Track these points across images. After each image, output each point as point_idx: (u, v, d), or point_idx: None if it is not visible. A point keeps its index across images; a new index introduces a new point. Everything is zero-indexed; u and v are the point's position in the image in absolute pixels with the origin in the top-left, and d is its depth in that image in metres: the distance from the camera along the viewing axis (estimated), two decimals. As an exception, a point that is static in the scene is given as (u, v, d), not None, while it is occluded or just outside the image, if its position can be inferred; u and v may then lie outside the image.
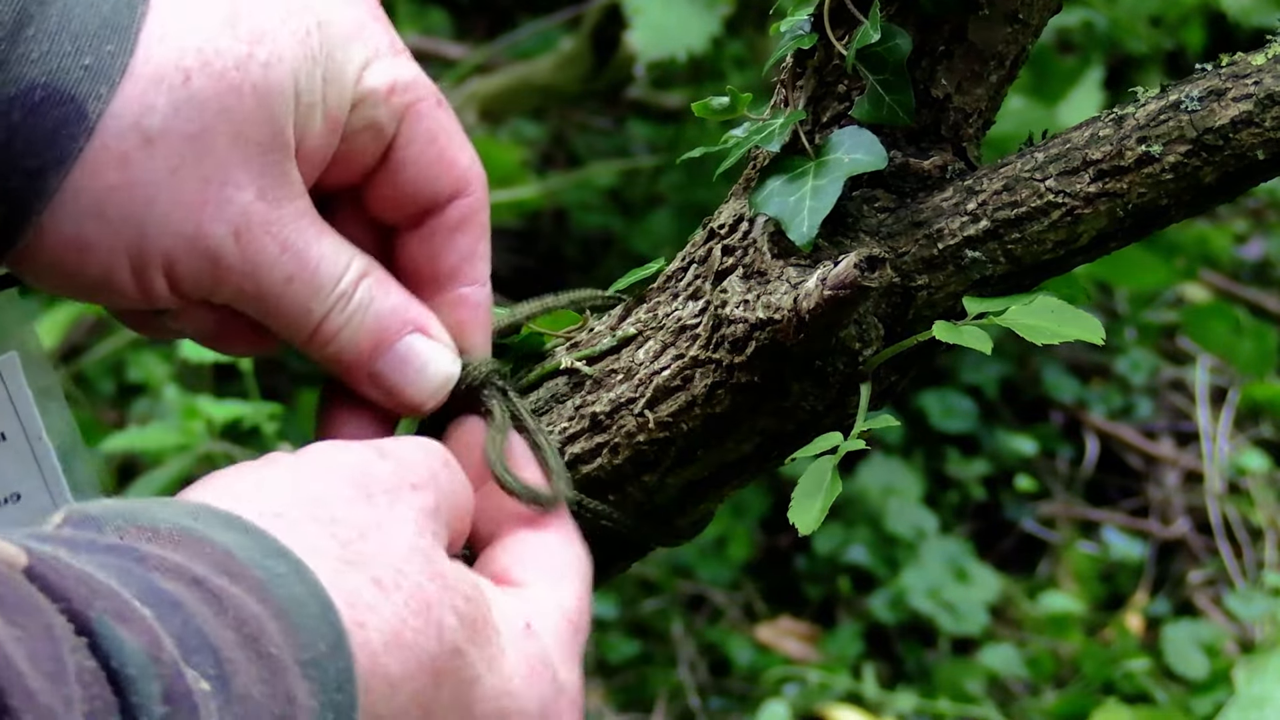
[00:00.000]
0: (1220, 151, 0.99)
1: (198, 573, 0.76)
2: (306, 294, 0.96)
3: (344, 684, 0.79)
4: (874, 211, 1.04)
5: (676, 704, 3.39)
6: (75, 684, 0.68)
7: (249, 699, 0.74)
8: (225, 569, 0.78)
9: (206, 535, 0.79)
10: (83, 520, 0.79)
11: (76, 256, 0.92)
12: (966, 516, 3.78)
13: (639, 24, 3.19)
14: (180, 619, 0.74)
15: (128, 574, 0.74)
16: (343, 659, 0.79)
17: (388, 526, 0.87)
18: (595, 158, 4.12)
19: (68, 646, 0.69)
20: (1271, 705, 1.58)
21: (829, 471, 1.01)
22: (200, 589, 0.76)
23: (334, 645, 0.79)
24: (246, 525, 0.81)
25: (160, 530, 0.78)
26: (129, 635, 0.71)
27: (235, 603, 0.76)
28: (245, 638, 0.76)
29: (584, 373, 1.07)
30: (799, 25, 1.05)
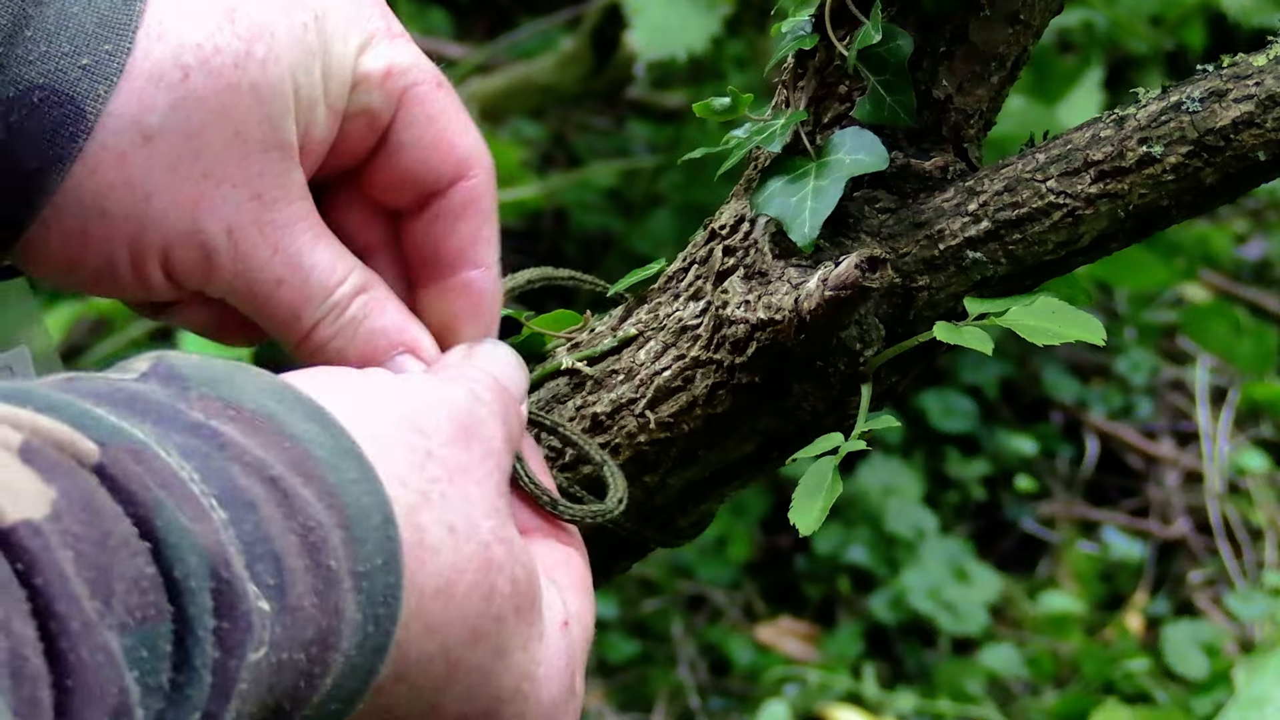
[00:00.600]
0: (1221, 152, 0.99)
1: (274, 471, 0.77)
2: (297, 300, 0.96)
3: (389, 597, 0.80)
4: (875, 212, 1.04)
5: (676, 704, 3.39)
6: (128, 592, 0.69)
7: (300, 610, 0.75)
8: (300, 467, 0.78)
9: (287, 424, 0.79)
10: (170, 376, 0.79)
11: (77, 250, 0.92)
12: (966, 516, 3.78)
13: (639, 24, 3.20)
14: (252, 523, 0.74)
15: (209, 465, 0.75)
16: (394, 574, 0.80)
17: (476, 476, 0.88)
18: (595, 158, 4.12)
19: (126, 552, 0.69)
20: (1271, 705, 1.58)
21: (829, 472, 1.01)
22: (274, 489, 0.76)
23: (389, 560, 0.80)
24: (327, 419, 0.81)
25: (243, 409, 0.79)
26: (198, 541, 0.71)
27: (305, 507, 0.77)
28: (308, 546, 0.76)
29: (585, 373, 1.07)
30: (800, 26, 1.05)
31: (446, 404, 0.89)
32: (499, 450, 0.91)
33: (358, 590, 0.78)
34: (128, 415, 0.75)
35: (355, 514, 0.79)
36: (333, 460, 0.80)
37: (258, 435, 0.78)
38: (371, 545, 0.79)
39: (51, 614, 0.66)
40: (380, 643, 0.80)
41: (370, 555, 0.79)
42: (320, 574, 0.76)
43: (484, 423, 0.90)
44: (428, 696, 0.86)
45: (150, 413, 0.76)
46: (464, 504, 0.86)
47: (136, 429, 0.74)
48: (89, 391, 0.76)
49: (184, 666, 0.70)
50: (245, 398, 0.80)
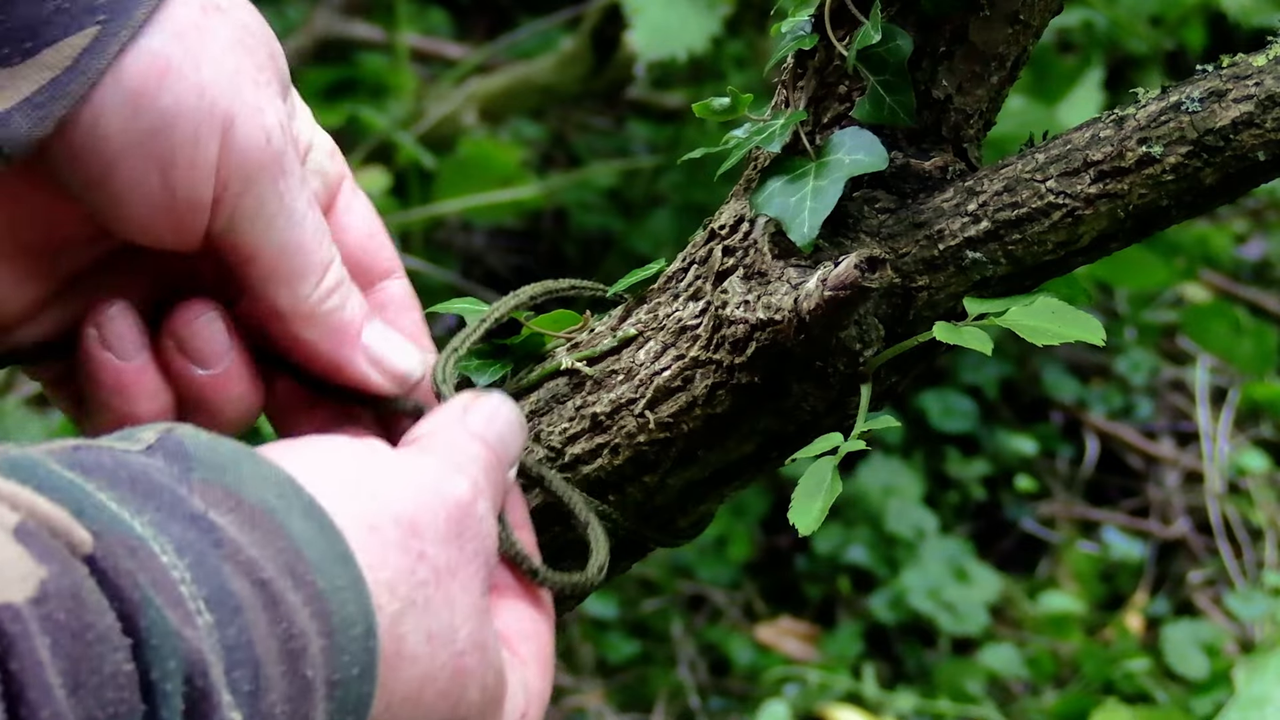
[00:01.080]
0: (1221, 153, 0.99)
1: (265, 574, 0.78)
2: (318, 227, 0.98)
3: (360, 707, 0.81)
4: (875, 212, 1.04)
5: (676, 704, 3.39)
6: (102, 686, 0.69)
7: (271, 717, 0.76)
8: (291, 570, 0.79)
9: (284, 522, 0.80)
10: (176, 454, 0.80)
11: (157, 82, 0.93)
12: (966, 516, 3.77)
13: (639, 24, 3.20)
14: (236, 628, 0.75)
15: (202, 564, 0.75)
16: (368, 684, 0.81)
17: (462, 578, 0.88)
18: (595, 158, 4.12)
19: (106, 647, 0.70)
20: (1271, 705, 1.58)
21: (829, 472, 1.01)
22: (263, 592, 0.77)
23: (365, 670, 0.81)
24: (323, 521, 0.82)
25: (243, 503, 0.79)
26: (179, 646, 0.72)
27: (290, 614, 0.78)
28: (288, 653, 0.77)
29: (584, 373, 1.07)
30: (800, 26, 1.05)
31: (446, 502, 0.90)
32: (489, 548, 0.92)
33: (330, 698, 0.79)
34: (130, 501, 0.76)
35: (339, 623, 0.80)
36: (324, 565, 0.80)
37: (255, 531, 0.79)
38: (350, 655, 0.80)
39: (23, 701, 0.67)
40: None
41: (348, 665, 0.80)
42: (296, 682, 0.77)
43: (481, 519, 0.91)
44: None
45: (152, 498, 0.77)
46: (447, 609, 0.87)
47: (135, 520, 0.75)
48: (94, 467, 0.76)
49: None
50: (246, 488, 0.80)
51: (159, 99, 0.93)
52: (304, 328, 0.99)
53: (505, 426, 0.98)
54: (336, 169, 1.03)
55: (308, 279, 0.98)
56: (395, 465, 0.90)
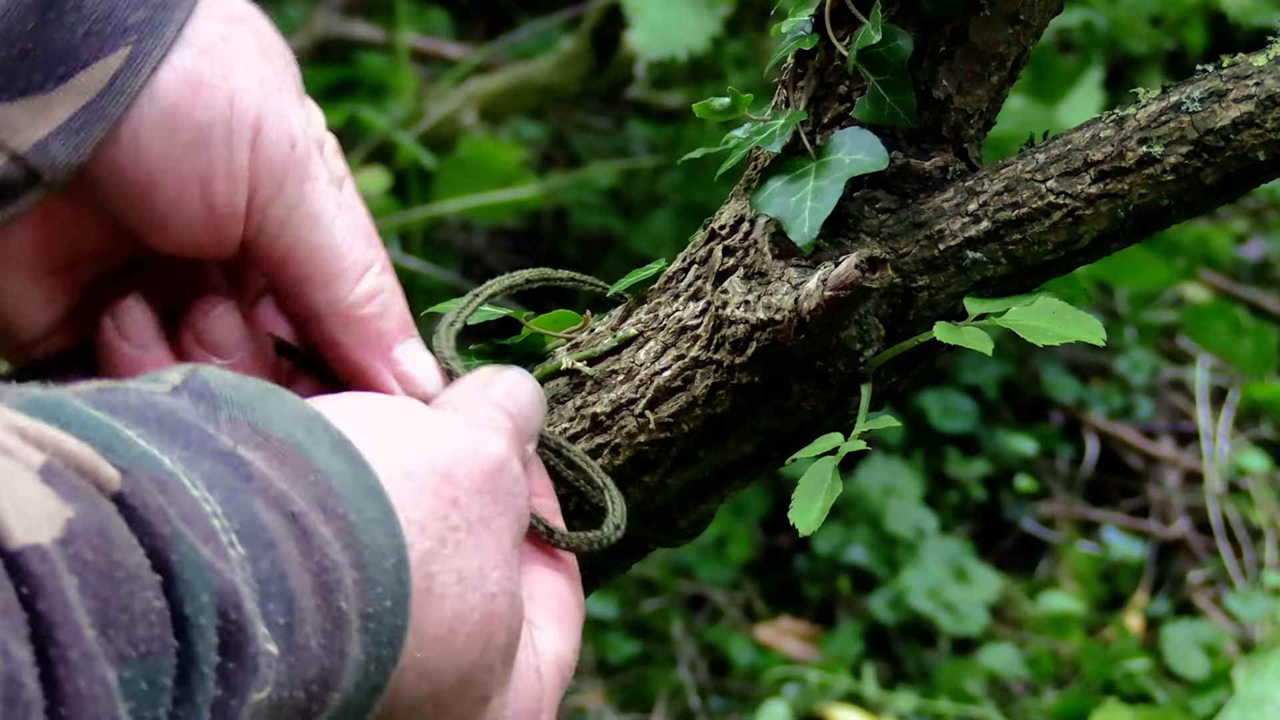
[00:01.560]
0: (1221, 153, 0.99)
1: (296, 506, 0.78)
2: (354, 229, 0.99)
3: (393, 639, 0.81)
4: (875, 212, 1.04)
5: (676, 704, 3.39)
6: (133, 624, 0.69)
7: (306, 649, 0.76)
8: (321, 503, 0.79)
9: (313, 456, 0.80)
10: (202, 394, 0.80)
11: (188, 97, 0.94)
12: (966, 516, 3.77)
13: (639, 24, 3.20)
14: (269, 560, 0.75)
15: (233, 498, 0.76)
16: (400, 617, 0.81)
17: (495, 529, 0.89)
18: (595, 158, 4.12)
19: (137, 585, 0.70)
20: (1272, 705, 1.59)
21: (829, 472, 1.01)
22: (294, 525, 0.77)
23: (398, 602, 0.81)
24: (352, 454, 0.82)
25: (272, 438, 0.80)
26: (211, 579, 0.72)
27: (323, 546, 0.78)
28: (322, 585, 0.77)
29: (585, 373, 1.07)
30: (800, 26, 1.05)
31: (481, 456, 0.91)
32: (520, 506, 0.93)
33: (364, 631, 0.79)
34: (158, 438, 0.76)
35: (371, 556, 0.80)
36: (354, 498, 0.81)
37: (284, 466, 0.79)
38: (383, 588, 0.81)
39: (52, 641, 0.66)
40: (378, 682, 0.81)
41: (380, 598, 0.80)
42: (330, 615, 0.77)
43: (516, 479, 0.92)
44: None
45: (180, 435, 0.77)
46: (478, 554, 0.88)
47: (165, 456, 0.75)
48: (122, 407, 0.76)
49: (185, 701, 0.71)
50: (274, 424, 0.81)
51: (194, 113, 0.94)
52: (340, 330, 1.00)
53: (526, 399, 0.99)
54: (339, 170, 1.03)
55: (343, 281, 0.99)
56: (431, 419, 0.91)
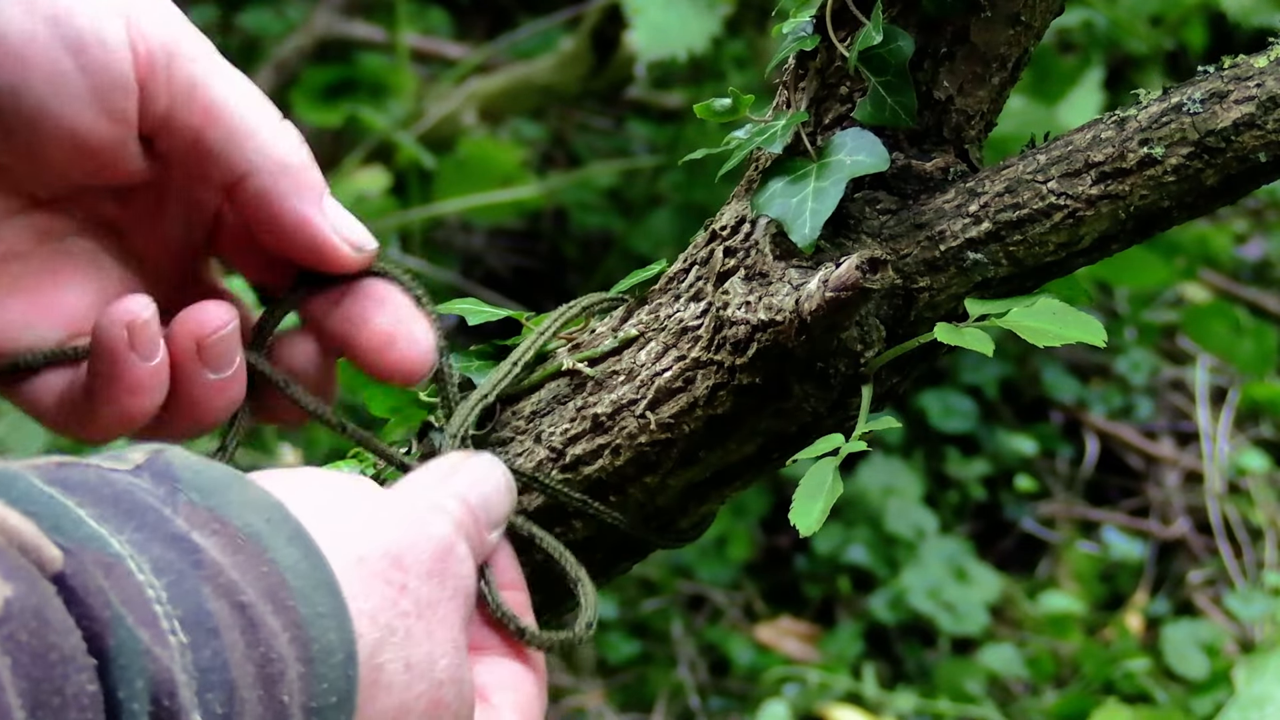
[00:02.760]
0: (1222, 154, 0.99)
1: (245, 597, 0.77)
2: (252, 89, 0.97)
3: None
4: (876, 213, 1.04)
5: (676, 704, 3.39)
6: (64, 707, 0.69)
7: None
8: (272, 596, 0.79)
9: (270, 547, 0.80)
10: (164, 475, 0.79)
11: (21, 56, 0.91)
12: (966, 516, 3.78)
13: (639, 24, 3.20)
14: (211, 650, 0.75)
15: (180, 584, 0.75)
16: (345, 713, 0.81)
17: (443, 614, 0.89)
18: (595, 158, 4.12)
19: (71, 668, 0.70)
20: (1272, 705, 1.59)
21: (830, 473, 1.01)
22: (242, 615, 0.77)
23: (343, 699, 0.81)
24: (309, 546, 0.82)
25: (229, 525, 0.79)
26: (147, 665, 0.72)
27: (269, 639, 0.78)
28: (264, 678, 0.77)
29: (586, 374, 1.07)
30: (801, 27, 1.05)
31: (430, 539, 0.90)
32: (469, 588, 0.92)
33: None
34: (111, 519, 0.75)
35: (318, 650, 0.80)
36: (307, 591, 0.80)
37: (238, 555, 0.79)
38: (329, 683, 0.80)
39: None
40: None
41: (326, 693, 0.80)
42: (272, 707, 0.77)
43: (463, 560, 0.92)
44: None
45: (134, 517, 0.76)
46: (427, 641, 0.87)
47: (114, 538, 0.74)
48: (77, 484, 0.76)
49: None
50: (234, 512, 0.80)
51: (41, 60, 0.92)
52: (275, 179, 0.97)
53: (492, 488, 0.98)
54: None
55: (265, 126, 0.96)
56: (383, 500, 0.91)
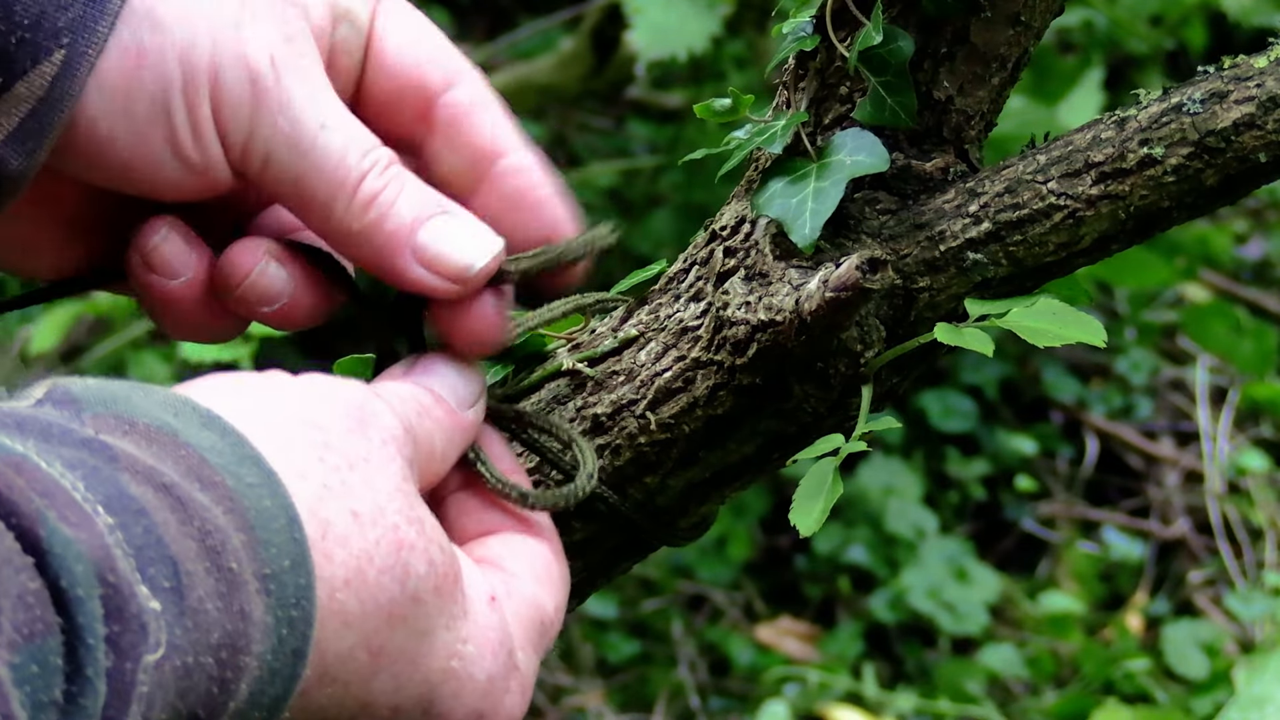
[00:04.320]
0: (1222, 154, 0.99)
1: (167, 478, 0.76)
2: (342, 145, 0.95)
3: (301, 599, 0.80)
4: (876, 213, 1.04)
5: (676, 704, 3.39)
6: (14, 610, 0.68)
7: (202, 612, 0.75)
8: (196, 474, 0.78)
9: (182, 434, 0.79)
10: (64, 399, 0.79)
11: (135, 72, 0.92)
12: (966, 516, 3.78)
13: (639, 24, 3.20)
14: (142, 527, 0.74)
15: (96, 475, 0.74)
16: (303, 575, 0.80)
17: (376, 463, 0.88)
18: (595, 158, 4.12)
19: (9, 569, 0.69)
20: (1272, 705, 1.58)
21: (830, 473, 1.01)
22: (168, 495, 0.76)
23: (296, 561, 0.80)
24: (224, 427, 0.81)
25: (138, 424, 0.79)
26: (81, 550, 0.71)
27: (201, 512, 0.77)
28: (207, 549, 0.76)
29: (586, 374, 1.07)
30: (801, 27, 1.05)
31: (340, 398, 0.89)
32: (399, 438, 0.90)
33: (265, 593, 0.78)
34: (13, 433, 0.75)
35: (257, 517, 0.79)
36: (231, 466, 0.80)
37: (152, 445, 0.78)
38: (277, 548, 0.79)
39: None
40: (297, 646, 0.80)
41: (276, 558, 0.79)
42: (222, 576, 0.76)
43: (379, 414, 0.90)
44: (356, 692, 0.86)
45: (37, 432, 0.76)
46: (367, 490, 0.86)
47: (17, 444, 0.74)
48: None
49: (76, 677, 0.70)
50: (140, 413, 0.80)
51: (144, 87, 0.92)
52: (346, 247, 0.98)
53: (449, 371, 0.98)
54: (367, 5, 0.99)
55: (336, 202, 0.96)
56: (291, 380, 0.90)
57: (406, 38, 1.00)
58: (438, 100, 1.00)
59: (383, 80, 1.00)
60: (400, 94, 1.00)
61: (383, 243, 0.97)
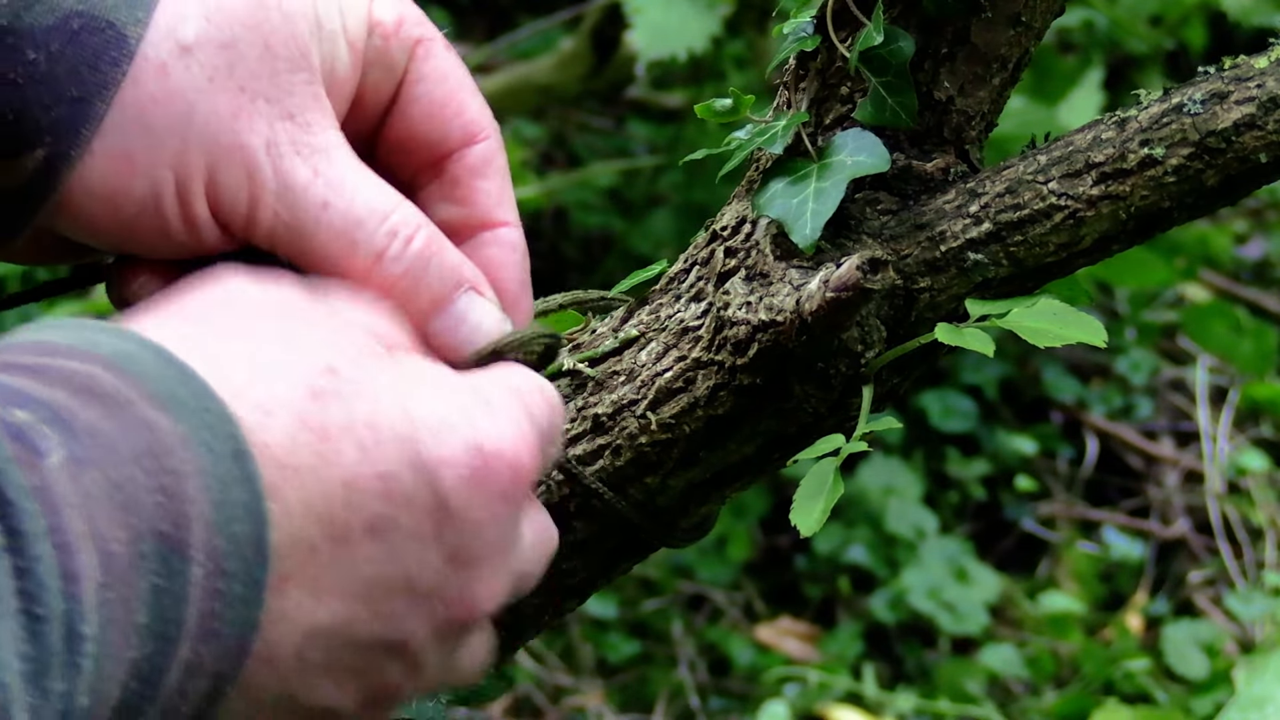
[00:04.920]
0: (1223, 154, 0.99)
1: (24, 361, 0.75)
2: (345, 225, 0.94)
3: (207, 404, 0.76)
4: (876, 214, 1.04)
5: (676, 704, 3.39)
6: None
7: (98, 432, 0.72)
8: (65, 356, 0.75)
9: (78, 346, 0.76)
10: None
11: (124, 177, 0.91)
12: (966, 516, 3.78)
13: (639, 24, 3.20)
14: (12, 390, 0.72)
15: None
16: (195, 383, 0.77)
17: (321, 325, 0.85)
18: (595, 158, 4.12)
19: None
20: (1272, 705, 1.58)
21: (831, 473, 1.01)
22: (20, 371, 0.74)
23: (196, 394, 0.77)
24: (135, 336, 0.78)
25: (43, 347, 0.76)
26: None
27: (61, 369, 0.74)
28: (77, 389, 0.74)
29: (586, 374, 1.07)
30: (802, 27, 1.05)
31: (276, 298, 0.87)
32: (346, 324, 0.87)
33: (160, 408, 0.75)
34: None
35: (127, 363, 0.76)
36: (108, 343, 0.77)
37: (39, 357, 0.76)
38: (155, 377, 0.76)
39: None
40: (233, 449, 0.76)
41: (156, 378, 0.76)
42: (102, 402, 0.73)
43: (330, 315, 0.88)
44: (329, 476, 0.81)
45: None
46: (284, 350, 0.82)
47: None
48: None
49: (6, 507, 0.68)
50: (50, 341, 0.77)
51: (133, 191, 0.92)
52: None
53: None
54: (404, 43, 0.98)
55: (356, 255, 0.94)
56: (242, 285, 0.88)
57: (438, 90, 0.99)
58: (452, 155, 0.99)
59: (406, 127, 0.99)
60: (419, 143, 0.99)
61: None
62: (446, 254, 0.96)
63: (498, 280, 0.99)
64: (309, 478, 0.80)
